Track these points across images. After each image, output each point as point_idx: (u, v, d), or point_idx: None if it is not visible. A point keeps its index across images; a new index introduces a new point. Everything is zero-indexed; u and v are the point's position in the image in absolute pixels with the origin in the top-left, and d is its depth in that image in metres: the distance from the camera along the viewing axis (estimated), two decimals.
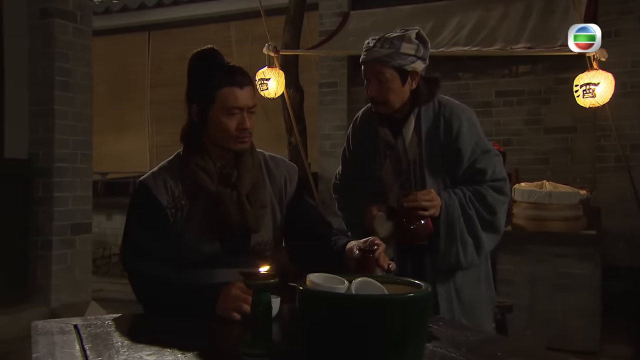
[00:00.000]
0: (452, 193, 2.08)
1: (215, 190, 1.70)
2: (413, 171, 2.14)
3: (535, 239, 4.09)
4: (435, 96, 2.15)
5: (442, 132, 2.10)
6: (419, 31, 2.09)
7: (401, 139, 2.14)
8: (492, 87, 5.55)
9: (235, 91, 1.67)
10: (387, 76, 2.04)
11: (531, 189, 4.11)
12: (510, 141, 5.37)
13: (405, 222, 2.02)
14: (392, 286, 1.24)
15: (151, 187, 1.71)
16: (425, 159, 2.11)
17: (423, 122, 2.12)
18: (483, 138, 2.13)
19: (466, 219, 2.06)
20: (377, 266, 1.59)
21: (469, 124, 2.10)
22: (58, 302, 4.14)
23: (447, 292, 2.12)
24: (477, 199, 2.08)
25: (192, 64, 1.74)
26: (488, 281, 2.23)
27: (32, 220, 4.16)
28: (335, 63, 6.03)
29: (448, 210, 2.05)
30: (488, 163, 2.10)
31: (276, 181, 1.83)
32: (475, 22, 5.00)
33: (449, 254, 2.07)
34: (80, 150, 4.32)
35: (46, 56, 4.16)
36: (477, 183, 2.10)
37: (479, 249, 2.09)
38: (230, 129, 1.68)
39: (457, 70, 5.61)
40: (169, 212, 1.69)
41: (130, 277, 1.67)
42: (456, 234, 2.06)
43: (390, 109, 2.11)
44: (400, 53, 2.02)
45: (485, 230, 2.09)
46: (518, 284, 4.11)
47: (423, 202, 2.01)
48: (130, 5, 7.08)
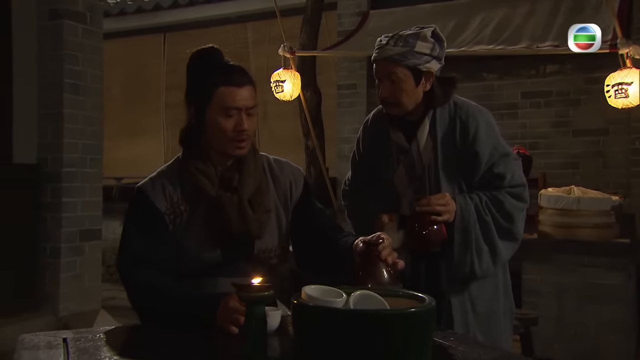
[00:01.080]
0: (468, 198, 2.04)
1: (215, 195, 1.68)
2: (427, 176, 2.10)
3: (562, 247, 4.00)
4: (450, 97, 2.10)
5: (459, 135, 2.06)
6: (435, 29, 2.05)
7: (415, 143, 2.10)
8: (517, 88, 5.46)
9: (233, 90, 1.64)
10: (399, 76, 2.00)
11: (558, 195, 4.02)
12: (537, 144, 5.26)
13: (417, 227, 1.98)
14: (394, 300, 1.19)
15: (149, 192, 1.69)
16: (441, 163, 2.07)
17: (438, 124, 2.07)
18: (501, 141, 2.09)
19: (482, 225, 2.02)
20: (381, 261, 1.53)
21: (486, 126, 2.06)
22: (66, 311, 4.15)
23: (462, 304, 2.07)
24: (494, 205, 2.03)
25: (190, 63, 1.73)
26: (507, 292, 2.17)
27: (40, 227, 4.16)
28: (354, 64, 5.99)
29: (463, 215, 2.01)
30: (506, 168, 2.06)
31: (281, 185, 1.80)
32: (499, 20, 4.91)
33: (463, 261, 2.02)
34: (89, 154, 4.33)
35: (55, 58, 4.17)
36: (495, 188, 2.05)
37: (495, 258, 2.04)
38: (226, 130, 1.65)
39: (481, 71, 5.52)
40: (168, 218, 1.67)
41: (126, 285, 1.65)
42: (471, 241, 2.01)
43: (403, 110, 2.07)
44: (415, 52, 1.98)
45: (502, 238, 2.04)
46: (544, 295, 4.02)
47: (436, 206, 1.97)
48: (145, 6, 7.12)
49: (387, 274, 1.52)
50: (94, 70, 4.38)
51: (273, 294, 1.27)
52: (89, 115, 4.34)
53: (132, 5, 7.20)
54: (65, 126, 4.17)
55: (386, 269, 1.52)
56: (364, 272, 1.52)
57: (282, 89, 4.88)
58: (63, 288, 4.15)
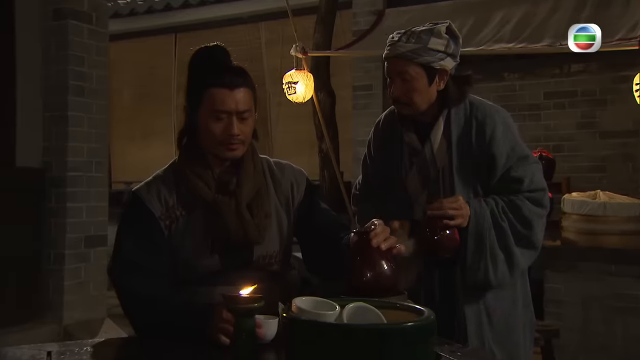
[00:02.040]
0: (484, 202, 1.98)
1: (212, 200, 1.65)
2: (442, 180, 2.05)
3: (587, 255, 3.89)
4: (466, 97, 2.05)
5: (474, 136, 2.01)
6: (450, 25, 1.99)
7: (429, 145, 2.06)
8: (540, 88, 5.38)
9: (223, 93, 1.61)
10: (412, 74, 1.96)
11: (583, 200, 3.92)
12: (560, 147, 5.17)
13: (429, 232, 1.93)
14: (392, 312, 1.14)
15: (143, 197, 1.67)
16: (456, 166, 2.02)
17: (453, 125, 2.03)
18: (520, 143, 2.04)
19: (498, 231, 1.96)
20: (376, 250, 1.47)
21: (504, 127, 2.01)
22: (71, 319, 4.14)
23: (477, 314, 2.00)
24: (511, 210, 1.97)
25: (190, 62, 1.71)
26: (526, 303, 2.11)
27: (44, 233, 4.16)
28: (369, 65, 5.93)
29: (477, 220, 1.95)
30: (525, 171, 2.00)
31: (282, 187, 1.78)
32: (521, 17, 4.83)
33: (476, 269, 1.96)
34: (95, 158, 4.32)
35: (60, 59, 4.17)
36: (513, 193, 1.99)
37: (511, 266, 1.98)
38: (215, 133, 1.63)
39: (502, 70, 5.46)
40: (163, 224, 1.65)
41: (119, 292, 1.64)
42: (485, 247, 1.95)
43: (415, 110, 2.02)
44: (428, 48, 1.93)
45: (520, 245, 1.98)
46: (568, 305, 3.91)
47: (449, 210, 1.91)
48: (155, 6, 7.14)
49: (385, 263, 1.46)
50: (100, 71, 4.38)
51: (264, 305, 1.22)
52: (95, 117, 4.34)
53: (142, 5, 7.23)
54: (70, 129, 4.17)
55: (384, 258, 1.46)
56: (360, 265, 1.46)
57: (295, 91, 4.86)
58: (67, 296, 4.14)
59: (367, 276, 1.45)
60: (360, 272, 1.45)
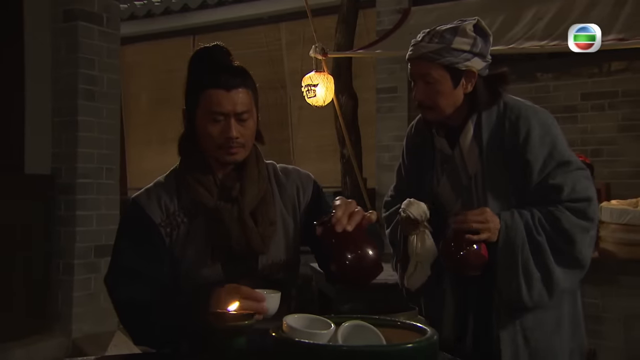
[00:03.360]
0: (516, 214, 1.89)
1: (213, 206, 1.64)
2: (475, 188, 1.99)
3: (628, 269, 3.76)
4: (499, 98, 1.98)
5: (507, 139, 1.94)
6: (478, 22, 1.94)
7: (458, 150, 2.00)
8: (577, 89, 5.22)
9: (219, 94, 1.61)
10: (435, 76, 1.91)
11: (622, 208, 3.79)
12: (599, 151, 5.03)
13: (453, 248, 1.86)
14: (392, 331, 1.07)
15: (143, 204, 1.67)
16: (487, 173, 1.96)
17: (484, 128, 1.97)
18: (560, 147, 1.94)
19: (533, 247, 1.87)
20: (344, 235, 1.41)
21: (540, 129, 1.92)
22: (80, 332, 4.14)
23: (512, 337, 1.91)
24: (549, 222, 1.87)
25: (188, 65, 1.72)
26: (575, 325, 1.99)
27: (53, 242, 4.19)
28: (394, 66, 5.86)
29: (508, 234, 1.87)
30: (565, 178, 1.90)
31: (287, 193, 1.77)
32: (555, 13, 4.72)
33: (507, 288, 1.88)
34: (105, 164, 4.35)
35: (70, 62, 4.21)
36: (552, 203, 1.89)
37: (550, 286, 1.87)
38: (213, 136, 1.63)
39: (535, 70, 5.33)
40: (163, 231, 1.65)
41: (116, 303, 1.63)
42: (518, 265, 1.87)
43: (440, 115, 1.97)
44: (452, 49, 1.89)
45: (560, 264, 1.87)
46: (608, 322, 3.78)
47: (473, 223, 1.84)
48: (172, 7, 7.17)
49: (358, 243, 1.40)
50: (111, 74, 4.40)
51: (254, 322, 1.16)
52: (106, 122, 4.37)
53: (159, 6, 7.26)
54: (79, 134, 4.20)
55: (356, 238, 1.41)
56: (335, 255, 1.42)
57: (314, 94, 4.82)
58: (76, 308, 4.15)
59: (347, 264, 1.40)
60: (338, 261, 1.41)
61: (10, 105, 4.12)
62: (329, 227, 1.43)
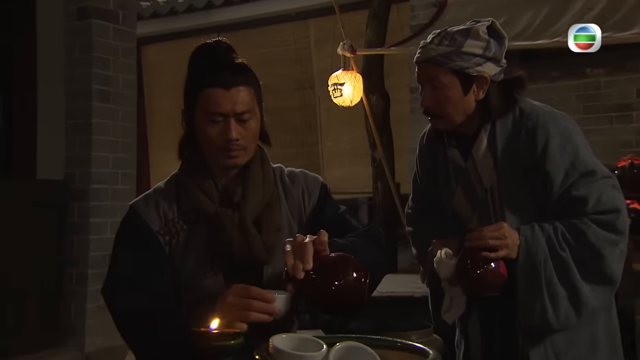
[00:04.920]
0: (537, 228, 1.85)
1: (213, 212, 1.62)
2: (491, 201, 1.96)
3: None
4: (515, 104, 1.93)
5: (524, 150, 1.89)
6: (493, 23, 1.90)
7: (471, 161, 1.98)
8: (632, 85, 5.09)
9: (217, 93, 1.59)
10: (443, 81, 1.87)
11: None
12: None
13: (469, 266, 1.82)
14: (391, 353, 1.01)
15: (140, 210, 1.66)
16: (504, 185, 1.93)
17: (499, 137, 1.93)
18: (583, 156, 1.88)
19: (557, 263, 1.83)
20: (310, 277, 1.36)
21: (561, 138, 1.87)
22: (93, 346, 4.14)
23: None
24: (573, 236, 1.83)
25: (188, 62, 1.71)
26: (613, 344, 1.94)
27: (65, 251, 4.20)
28: None
29: (529, 250, 1.83)
30: (589, 189, 1.85)
31: (293, 198, 1.76)
32: (608, 2, 4.58)
33: (531, 309, 1.84)
34: (121, 169, 4.36)
35: (83, 62, 4.22)
36: (576, 216, 1.84)
37: (577, 305, 1.82)
38: (212, 138, 1.61)
39: (585, 66, 5.20)
40: (162, 239, 1.64)
41: (114, 315, 1.62)
42: (540, 283, 1.82)
43: (450, 123, 1.94)
44: (462, 52, 1.85)
45: (588, 280, 1.83)
46: None
47: (489, 239, 1.80)
48: (196, 4, 7.22)
49: (327, 279, 1.35)
50: (127, 75, 4.42)
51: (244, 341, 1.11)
52: (121, 125, 4.38)
53: (182, 3, 7.31)
54: (93, 137, 4.22)
55: (323, 274, 1.36)
56: (312, 300, 1.38)
57: (341, 93, 4.73)
58: (90, 320, 4.15)
59: (329, 306, 1.37)
60: (322, 304, 1.38)
61: (21, 108, 4.15)
62: (294, 280, 1.38)
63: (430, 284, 2.13)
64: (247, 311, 1.39)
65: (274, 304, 1.38)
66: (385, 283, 1.83)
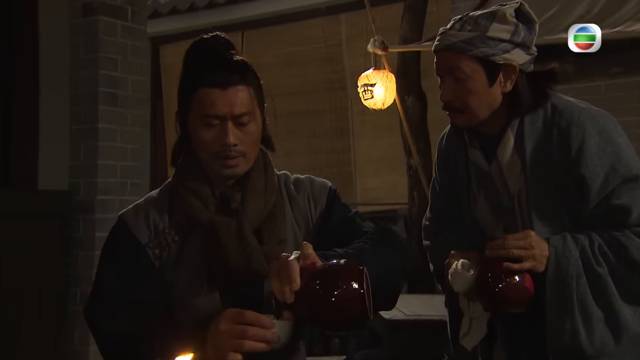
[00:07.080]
0: (570, 239, 1.81)
1: (207, 220, 1.60)
2: (518, 209, 1.92)
3: None
4: (547, 99, 1.89)
5: (556, 151, 1.85)
6: (522, 5, 1.86)
7: (495, 164, 1.93)
8: None
9: (213, 93, 1.56)
10: (465, 71, 1.84)
11: None
12: None
13: (489, 279, 1.79)
14: None
15: (128, 221, 1.65)
16: (532, 191, 1.88)
17: (527, 137, 1.88)
18: (626, 159, 1.83)
19: (592, 280, 1.78)
20: (300, 302, 1.33)
21: (599, 138, 1.82)
22: None
23: None
24: (612, 250, 1.78)
25: (183, 59, 1.68)
26: None
27: (69, 267, 4.19)
28: None
29: (559, 263, 1.78)
30: (634, 197, 1.80)
31: (299, 205, 1.74)
32: None
33: (560, 331, 1.78)
34: (130, 179, 4.34)
35: (89, 63, 4.21)
36: (616, 227, 1.80)
37: (616, 329, 1.78)
38: (207, 143, 1.59)
39: None
40: (152, 252, 1.62)
41: (95, 335, 1.62)
42: (572, 302, 1.77)
43: (473, 119, 1.90)
44: (487, 37, 1.81)
45: (630, 302, 1.78)
46: None
47: (514, 249, 1.76)
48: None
49: (317, 296, 1.30)
50: (137, 76, 4.40)
51: None
52: (131, 130, 4.36)
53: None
54: (100, 144, 4.19)
55: (313, 293, 1.31)
56: (310, 321, 1.40)
57: (372, 95, 4.67)
58: (94, 345, 4.06)
59: (326, 323, 1.38)
60: (319, 324, 1.39)
61: (22, 112, 4.15)
62: (285, 305, 1.34)
63: (448, 304, 2.08)
64: (241, 339, 1.35)
65: (272, 330, 1.35)
66: (417, 305, 1.78)
